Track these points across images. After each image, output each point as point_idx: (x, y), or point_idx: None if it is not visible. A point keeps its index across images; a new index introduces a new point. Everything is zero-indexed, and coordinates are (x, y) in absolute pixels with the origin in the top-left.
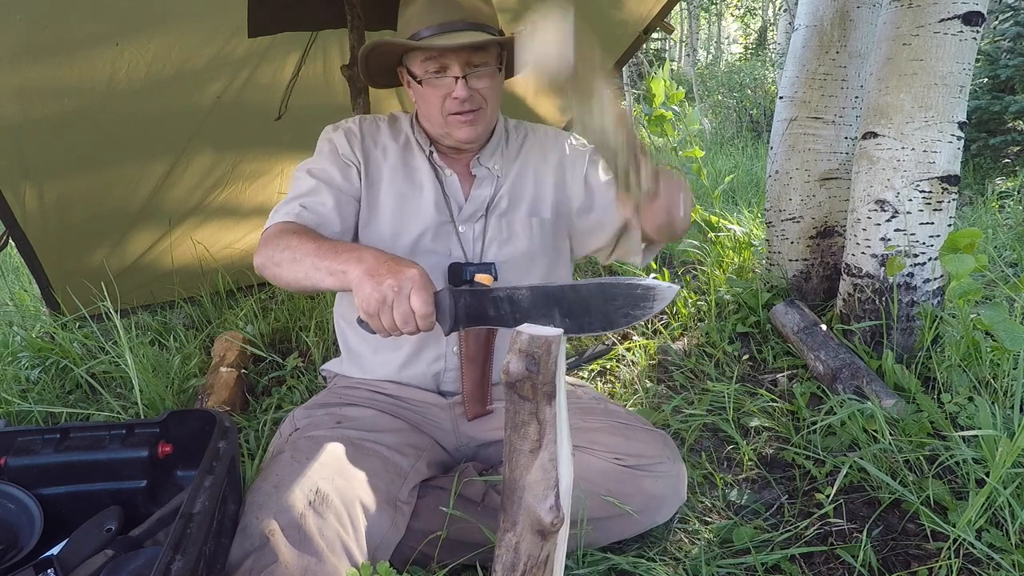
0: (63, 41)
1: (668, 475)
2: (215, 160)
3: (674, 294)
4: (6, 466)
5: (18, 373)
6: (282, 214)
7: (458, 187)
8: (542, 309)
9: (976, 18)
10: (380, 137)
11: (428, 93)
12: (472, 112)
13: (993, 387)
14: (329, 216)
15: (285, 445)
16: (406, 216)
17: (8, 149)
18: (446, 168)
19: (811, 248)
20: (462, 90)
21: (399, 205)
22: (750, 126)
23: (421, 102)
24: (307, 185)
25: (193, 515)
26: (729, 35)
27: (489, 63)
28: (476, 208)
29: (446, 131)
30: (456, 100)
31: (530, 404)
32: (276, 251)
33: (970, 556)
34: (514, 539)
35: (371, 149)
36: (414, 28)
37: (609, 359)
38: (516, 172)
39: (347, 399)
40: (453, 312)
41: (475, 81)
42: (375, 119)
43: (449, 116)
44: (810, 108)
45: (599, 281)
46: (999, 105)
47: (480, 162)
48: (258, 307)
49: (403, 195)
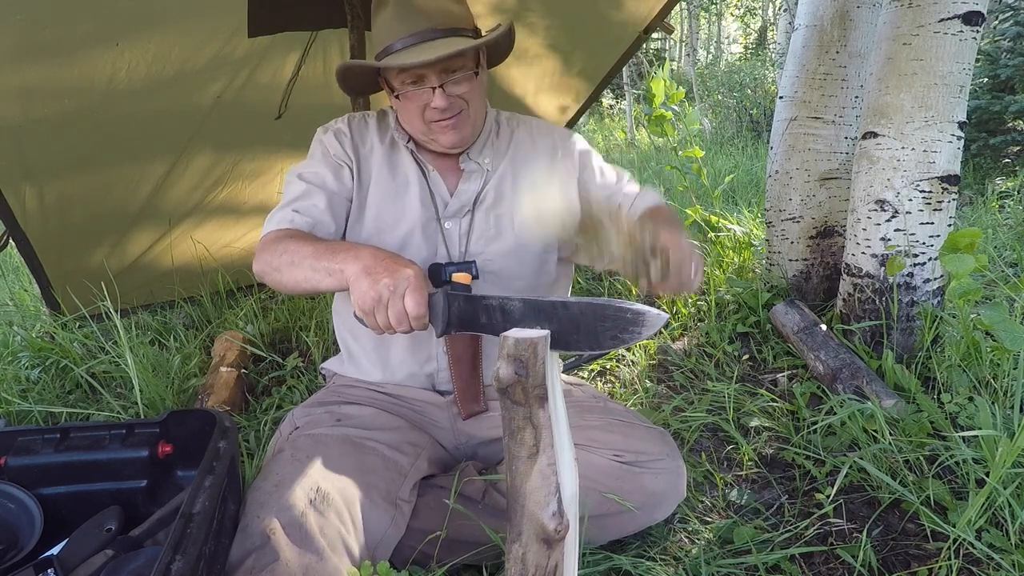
0: (63, 41)
1: (667, 472)
2: (215, 160)
3: (663, 322)
4: (6, 466)
5: (18, 373)
6: (276, 221)
7: (441, 183)
8: (532, 322)
9: (976, 18)
10: (368, 135)
11: (407, 105)
12: (454, 117)
13: (993, 387)
14: (322, 218)
15: (285, 444)
16: (392, 214)
17: (8, 149)
18: (429, 164)
19: (811, 248)
20: (440, 100)
21: (385, 203)
22: (750, 126)
23: (402, 112)
24: (299, 189)
25: (193, 515)
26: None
27: (467, 66)
28: (463, 204)
29: (431, 137)
30: (436, 110)
31: (523, 409)
32: (274, 256)
33: (970, 556)
34: (520, 550)
35: (359, 147)
36: (385, 41)
37: (609, 359)
38: (505, 165)
39: (346, 397)
40: (446, 315)
41: (453, 88)
42: (364, 116)
43: (432, 124)
44: (810, 108)
45: (591, 301)
46: (999, 105)
47: (470, 156)
48: (258, 307)
49: (389, 193)
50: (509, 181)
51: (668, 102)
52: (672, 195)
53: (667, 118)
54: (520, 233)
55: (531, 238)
